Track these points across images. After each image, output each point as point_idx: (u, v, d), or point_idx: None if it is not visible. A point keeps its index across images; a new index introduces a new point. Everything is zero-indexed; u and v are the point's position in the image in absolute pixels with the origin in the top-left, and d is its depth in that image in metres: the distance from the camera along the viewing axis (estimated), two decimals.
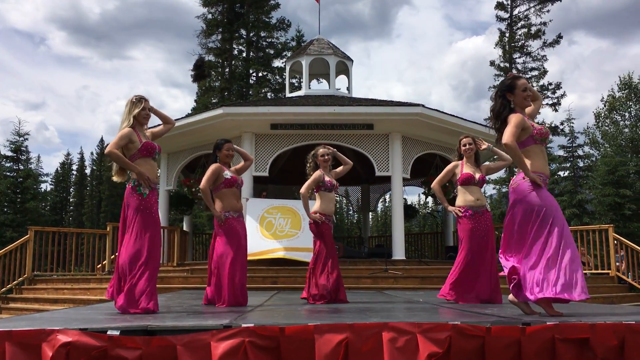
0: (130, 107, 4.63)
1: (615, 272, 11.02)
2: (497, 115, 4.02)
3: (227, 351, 2.71)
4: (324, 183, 6.14)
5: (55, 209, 55.48)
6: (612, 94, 31.71)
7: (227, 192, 5.62)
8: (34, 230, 11.09)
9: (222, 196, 5.63)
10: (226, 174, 5.62)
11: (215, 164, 5.65)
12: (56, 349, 2.63)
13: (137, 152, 4.54)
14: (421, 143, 12.22)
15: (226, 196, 5.61)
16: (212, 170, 5.59)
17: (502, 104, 4.01)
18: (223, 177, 5.60)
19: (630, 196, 22.37)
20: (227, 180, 5.60)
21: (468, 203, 5.68)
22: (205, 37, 32.13)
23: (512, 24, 31.83)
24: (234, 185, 5.65)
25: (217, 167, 5.61)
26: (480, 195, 5.76)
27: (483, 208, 5.71)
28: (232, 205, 5.62)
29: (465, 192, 5.73)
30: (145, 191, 4.50)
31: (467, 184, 5.72)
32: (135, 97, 4.68)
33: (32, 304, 9.82)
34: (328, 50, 14.47)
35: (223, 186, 5.61)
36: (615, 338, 2.84)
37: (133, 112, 4.61)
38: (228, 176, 5.61)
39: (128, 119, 4.59)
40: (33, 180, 23.50)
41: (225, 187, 5.61)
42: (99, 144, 61.15)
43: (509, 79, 4.06)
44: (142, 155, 4.56)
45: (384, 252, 12.20)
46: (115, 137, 4.55)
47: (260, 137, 11.68)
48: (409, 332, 2.78)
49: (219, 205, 5.61)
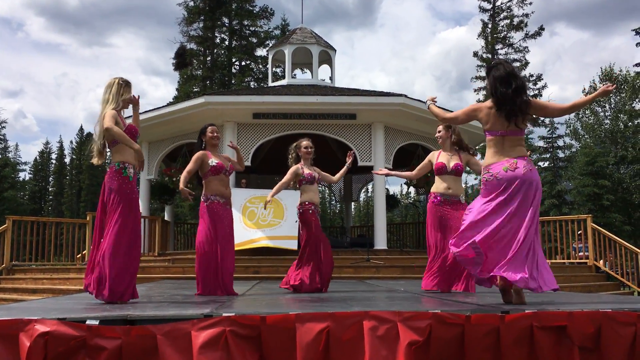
0: (117, 89, 4.43)
1: (593, 261, 11.19)
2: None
3: (208, 340, 2.70)
4: (303, 177, 6.15)
5: (34, 198, 54.82)
6: (593, 86, 32.06)
7: (214, 180, 5.52)
8: (12, 219, 10.92)
9: (208, 183, 5.54)
10: (212, 161, 5.50)
11: (199, 151, 5.55)
12: (34, 338, 2.59)
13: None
14: (404, 133, 12.25)
15: (212, 183, 5.52)
16: (195, 157, 5.50)
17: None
18: (209, 164, 5.49)
19: (609, 187, 22.72)
20: (213, 167, 5.49)
21: (438, 190, 5.66)
22: (187, 25, 31.84)
23: (495, 15, 32.01)
24: (221, 172, 5.55)
25: (201, 154, 5.52)
26: (453, 184, 5.65)
27: (455, 198, 5.62)
28: (219, 190, 5.53)
29: (439, 179, 5.72)
30: (131, 173, 4.37)
31: (440, 173, 5.70)
32: (122, 80, 4.50)
33: (10, 294, 9.70)
34: (311, 39, 14.41)
35: (210, 174, 5.51)
36: (592, 325, 2.89)
37: (123, 96, 4.44)
38: (214, 163, 5.50)
39: (116, 101, 4.40)
40: (11, 169, 23.23)
41: (212, 175, 5.51)
42: (79, 133, 60.45)
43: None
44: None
45: (366, 242, 12.25)
46: (105, 116, 4.31)
47: (243, 126, 11.61)
48: (389, 320, 2.79)
49: (206, 189, 5.54)
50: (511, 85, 3.84)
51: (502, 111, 3.85)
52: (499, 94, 3.85)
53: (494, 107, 3.90)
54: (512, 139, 3.92)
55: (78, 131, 61.26)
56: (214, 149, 5.66)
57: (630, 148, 27.30)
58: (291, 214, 10.53)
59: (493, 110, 3.91)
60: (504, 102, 3.84)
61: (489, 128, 3.95)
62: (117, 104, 4.41)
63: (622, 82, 30.56)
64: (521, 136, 3.99)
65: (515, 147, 3.92)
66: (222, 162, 5.61)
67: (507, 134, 3.91)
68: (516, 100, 3.83)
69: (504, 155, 3.89)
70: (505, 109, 3.84)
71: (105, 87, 4.49)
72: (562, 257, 12.10)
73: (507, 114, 3.84)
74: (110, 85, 4.47)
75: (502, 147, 3.92)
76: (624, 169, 27.34)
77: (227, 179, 5.66)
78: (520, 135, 3.97)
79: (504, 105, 3.84)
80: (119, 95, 4.43)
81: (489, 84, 3.97)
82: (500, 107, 3.86)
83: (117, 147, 4.40)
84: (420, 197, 17.19)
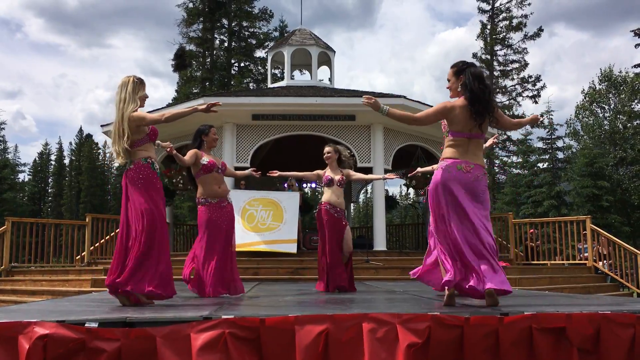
0: (133, 88, 4.37)
1: (592, 262, 11.20)
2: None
3: (207, 342, 2.70)
4: (321, 180, 6.56)
5: (34, 200, 54.77)
6: (592, 86, 32.11)
7: (207, 178, 5.55)
8: (11, 221, 10.91)
9: (201, 183, 5.57)
10: (204, 159, 5.53)
11: (193, 150, 5.56)
12: (33, 341, 2.59)
13: (147, 136, 4.42)
14: (403, 134, 12.25)
15: (205, 182, 5.56)
16: (192, 152, 5.52)
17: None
18: (200, 162, 5.52)
19: (608, 188, 22.71)
20: (205, 166, 5.52)
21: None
22: (186, 26, 31.82)
23: (494, 16, 32.02)
24: (213, 169, 5.57)
25: (196, 151, 5.56)
26: None
27: None
28: (212, 190, 5.56)
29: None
30: (157, 168, 4.43)
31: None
32: (136, 78, 4.45)
33: (9, 296, 9.68)
34: (310, 40, 14.41)
35: (202, 172, 5.54)
36: (591, 327, 2.89)
37: (138, 94, 4.40)
38: (205, 161, 5.53)
39: (135, 101, 4.35)
40: (10, 170, 23.19)
41: (205, 173, 5.54)
42: (78, 134, 60.40)
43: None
44: (150, 140, 4.47)
45: (366, 243, 12.24)
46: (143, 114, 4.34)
47: (242, 127, 11.62)
48: (388, 322, 2.79)
49: (200, 191, 5.59)
50: (487, 85, 3.87)
51: (475, 108, 3.82)
52: (477, 89, 3.83)
53: (468, 104, 3.86)
54: (477, 142, 3.95)
55: (77, 132, 61.28)
56: (208, 151, 5.69)
57: (629, 149, 27.30)
58: (290, 217, 10.55)
59: (465, 109, 3.87)
60: (478, 99, 3.83)
61: (459, 129, 3.92)
62: (136, 102, 4.36)
63: (622, 83, 30.60)
64: (483, 141, 4.03)
65: (477, 153, 3.95)
66: (214, 160, 5.64)
67: (472, 137, 3.92)
68: (490, 100, 3.84)
69: (467, 157, 3.91)
70: (478, 106, 3.82)
71: (119, 87, 4.42)
72: (562, 258, 12.10)
73: (477, 112, 3.82)
74: (126, 84, 4.39)
75: (467, 149, 3.92)
76: (623, 170, 27.36)
77: (220, 176, 5.67)
78: (482, 140, 4.01)
79: (478, 103, 3.82)
80: (135, 94, 4.38)
81: (466, 79, 3.91)
82: (474, 103, 3.83)
83: (142, 147, 4.39)
84: (419, 198, 17.17)
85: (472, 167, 3.88)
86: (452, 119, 3.93)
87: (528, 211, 22.55)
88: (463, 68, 3.99)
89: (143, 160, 4.34)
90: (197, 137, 5.69)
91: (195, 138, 5.70)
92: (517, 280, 9.00)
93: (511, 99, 31.69)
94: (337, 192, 6.45)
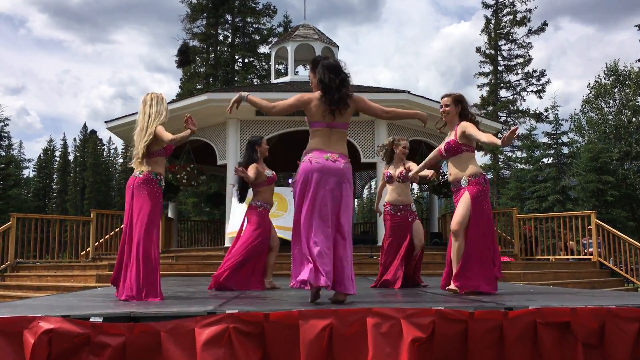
0: (163, 105, 4.63)
1: (597, 257, 11.17)
2: None
3: (211, 337, 2.71)
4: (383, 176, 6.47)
5: (38, 196, 54.97)
6: (598, 81, 31.93)
7: (267, 189, 6.09)
8: (16, 217, 10.96)
9: (260, 192, 6.05)
10: (267, 172, 6.07)
11: (253, 164, 5.96)
12: (38, 335, 2.60)
13: (163, 149, 4.62)
14: (406, 130, 12.21)
15: (264, 192, 6.06)
16: (254, 167, 5.93)
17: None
18: (265, 175, 6.02)
19: (613, 183, 22.64)
20: (270, 178, 6.07)
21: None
22: (190, 22, 31.76)
23: (498, 10, 31.86)
24: (273, 182, 6.15)
25: (258, 165, 6.00)
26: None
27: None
28: (268, 199, 6.10)
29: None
30: (162, 185, 4.61)
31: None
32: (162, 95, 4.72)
33: (14, 291, 9.73)
34: (314, 36, 14.38)
35: (265, 184, 6.05)
36: (595, 322, 2.89)
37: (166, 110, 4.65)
38: (270, 174, 6.08)
39: (166, 116, 4.62)
40: (15, 166, 23.25)
41: (267, 185, 6.07)
42: (82, 130, 60.55)
43: None
44: (165, 154, 4.67)
45: (369, 238, 12.24)
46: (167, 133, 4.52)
47: (246, 123, 11.61)
48: (393, 317, 2.79)
49: (258, 197, 6.04)
50: (339, 75, 3.98)
51: (328, 97, 3.93)
52: (327, 79, 3.95)
53: (322, 95, 3.97)
54: (339, 132, 4.03)
55: (82, 128, 61.43)
56: (261, 160, 6.15)
57: (634, 144, 27.20)
58: (292, 209, 10.57)
59: (321, 100, 3.98)
60: (329, 90, 3.94)
61: (318, 119, 4.00)
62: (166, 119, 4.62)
63: (626, 78, 30.44)
64: (345, 130, 4.11)
65: (339, 142, 4.03)
66: (274, 173, 6.19)
67: (334, 126, 4.00)
68: (341, 89, 3.95)
69: (330, 148, 3.97)
70: (330, 96, 3.93)
71: (153, 100, 4.62)
72: (566, 253, 12.07)
73: (330, 101, 3.92)
74: (161, 100, 4.65)
75: (329, 140, 4.00)
76: (627, 165, 27.25)
77: (273, 187, 6.24)
78: (345, 129, 4.09)
79: (330, 93, 3.94)
80: (167, 111, 4.65)
81: (319, 72, 4.03)
82: (326, 93, 3.95)
83: (156, 159, 4.59)
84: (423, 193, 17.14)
85: (337, 155, 3.98)
86: (310, 110, 4.04)
87: (533, 206, 22.51)
88: (317, 62, 4.12)
89: (153, 175, 4.53)
90: (251, 148, 6.07)
91: (249, 149, 6.08)
92: (521, 275, 9.00)
93: (515, 94, 31.56)
94: (397, 188, 6.23)
